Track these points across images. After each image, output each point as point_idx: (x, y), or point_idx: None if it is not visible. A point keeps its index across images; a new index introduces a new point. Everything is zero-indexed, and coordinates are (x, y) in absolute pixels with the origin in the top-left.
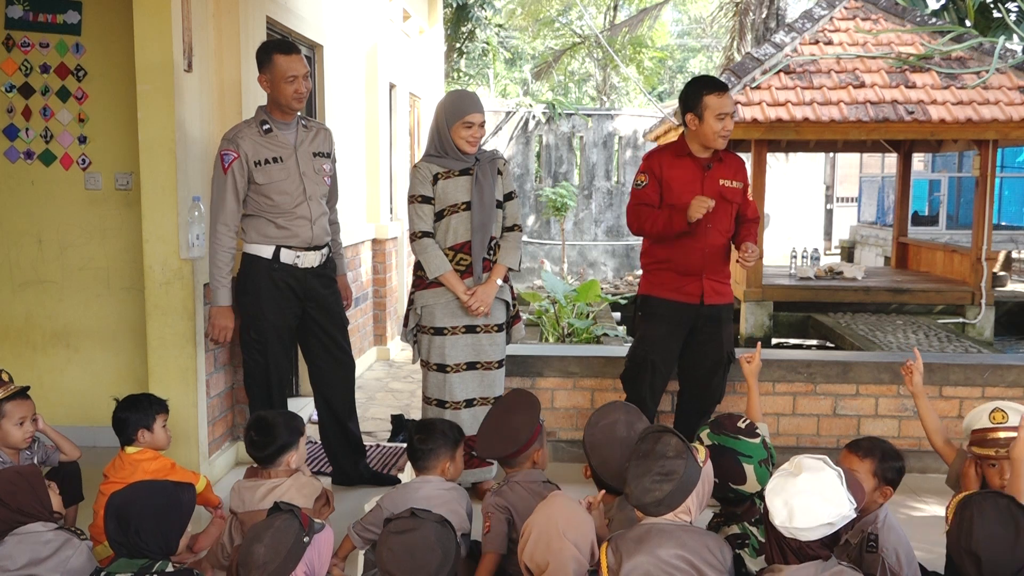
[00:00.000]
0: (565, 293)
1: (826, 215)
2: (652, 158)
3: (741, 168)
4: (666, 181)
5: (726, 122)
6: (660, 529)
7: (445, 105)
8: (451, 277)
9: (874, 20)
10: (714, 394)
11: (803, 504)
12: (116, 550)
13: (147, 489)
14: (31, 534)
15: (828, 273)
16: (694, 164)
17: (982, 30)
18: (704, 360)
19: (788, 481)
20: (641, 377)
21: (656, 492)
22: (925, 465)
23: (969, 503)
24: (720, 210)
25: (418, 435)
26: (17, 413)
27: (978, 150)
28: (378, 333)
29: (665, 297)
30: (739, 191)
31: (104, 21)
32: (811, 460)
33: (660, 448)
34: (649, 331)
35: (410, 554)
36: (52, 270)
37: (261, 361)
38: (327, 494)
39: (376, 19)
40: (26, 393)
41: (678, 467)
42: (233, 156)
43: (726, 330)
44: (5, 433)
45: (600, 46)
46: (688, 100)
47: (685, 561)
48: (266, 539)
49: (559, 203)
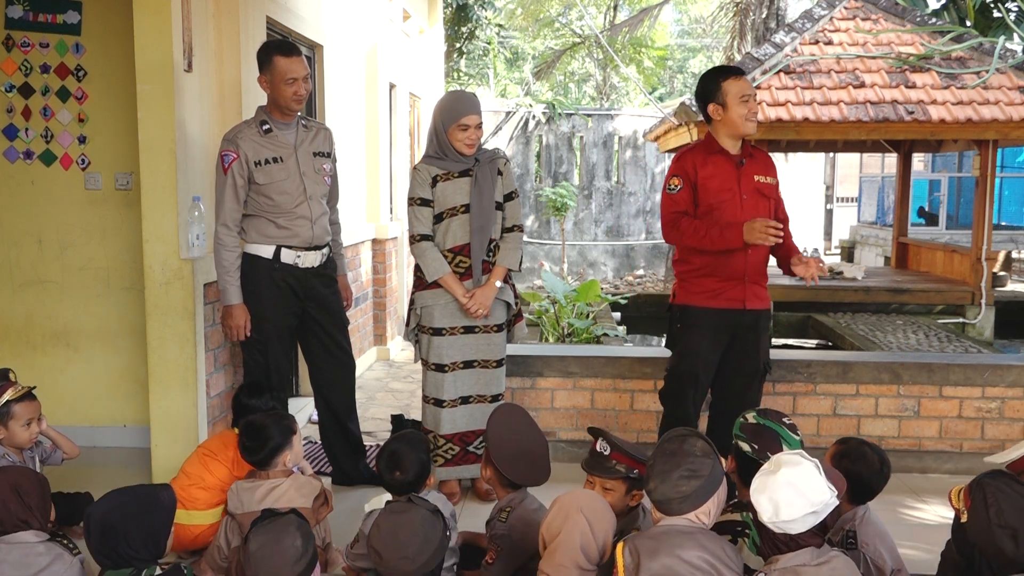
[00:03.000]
0: (565, 293)
1: (826, 215)
2: (684, 159)
3: (771, 163)
4: (701, 182)
5: (750, 104)
6: (680, 530)
7: (441, 107)
8: (450, 279)
9: (874, 20)
10: (748, 406)
11: (786, 497)
12: (101, 563)
13: (126, 496)
14: (22, 544)
15: (828, 273)
16: (727, 161)
17: (982, 30)
18: (741, 371)
19: (769, 479)
20: (685, 393)
21: (684, 487)
22: (925, 465)
23: (981, 487)
24: (760, 207)
25: (398, 471)
26: (25, 414)
27: (978, 150)
28: (378, 333)
29: (706, 306)
30: (774, 187)
31: (104, 21)
32: (788, 455)
33: (687, 447)
34: (691, 344)
35: (394, 534)
36: (52, 270)
37: (261, 361)
38: (326, 493)
39: (376, 19)
40: (33, 394)
41: (706, 466)
42: (233, 156)
43: (764, 339)
44: (12, 434)
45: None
46: (707, 92)
47: (707, 563)
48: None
49: (559, 203)
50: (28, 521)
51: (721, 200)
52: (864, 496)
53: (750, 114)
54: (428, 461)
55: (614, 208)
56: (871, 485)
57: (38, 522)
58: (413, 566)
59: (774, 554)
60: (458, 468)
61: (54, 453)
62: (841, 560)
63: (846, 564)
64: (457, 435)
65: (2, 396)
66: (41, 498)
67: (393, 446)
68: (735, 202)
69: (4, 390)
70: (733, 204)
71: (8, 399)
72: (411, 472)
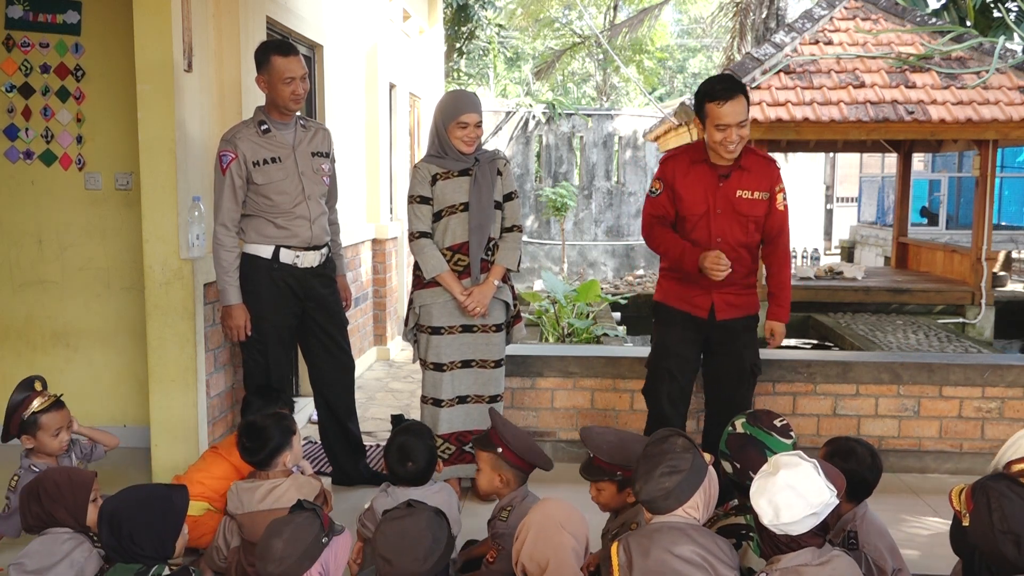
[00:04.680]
0: (565, 293)
1: (826, 215)
2: (667, 163)
3: (769, 176)
4: (678, 191)
5: (728, 134)
6: (672, 526)
7: (441, 106)
8: (448, 277)
9: (874, 20)
10: (738, 408)
11: (786, 500)
12: (111, 556)
13: (139, 493)
14: (50, 534)
15: (828, 273)
16: (709, 172)
17: (982, 30)
18: (725, 373)
19: (768, 481)
20: (658, 388)
21: (666, 483)
22: (925, 465)
23: (984, 490)
24: (733, 223)
25: (410, 462)
26: (53, 424)
27: (978, 150)
28: (378, 333)
29: (676, 307)
30: (762, 203)
31: (104, 21)
32: (787, 457)
33: (667, 446)
34: (662, 339)
35: (401, 538)
36: (52, 270)
37: (261, 361)
38: (326, 493)
39: (376, 19)
40: (61, 403)
41: (685, 460)
42: (231, 157)
43: (746, 342)
44: (42, 444)
45: (600, 46)
46: (695, 103)
47: (700, 556)
48: (286, 534)
49: (559, 203)
50: (61, 520)
51: (692, 213)
52: (860, 492)
53: (725, 141)
54: (435, 448)
55: (614, 208)
56: (865, 480)
57: (72, 522)
58: (424, 567)
59: (775, 554)
60: (455, 468)
61: (95, 449)
62: (843, 560)
63: (847, 564)
64: (454, 434)
65: (29, 407)
66: (74, 498)
67: (400, 439)
68: (705, 218)
69: (31, 400)
70: (703, 220)
71: (34, 410)
72: (422, 460)
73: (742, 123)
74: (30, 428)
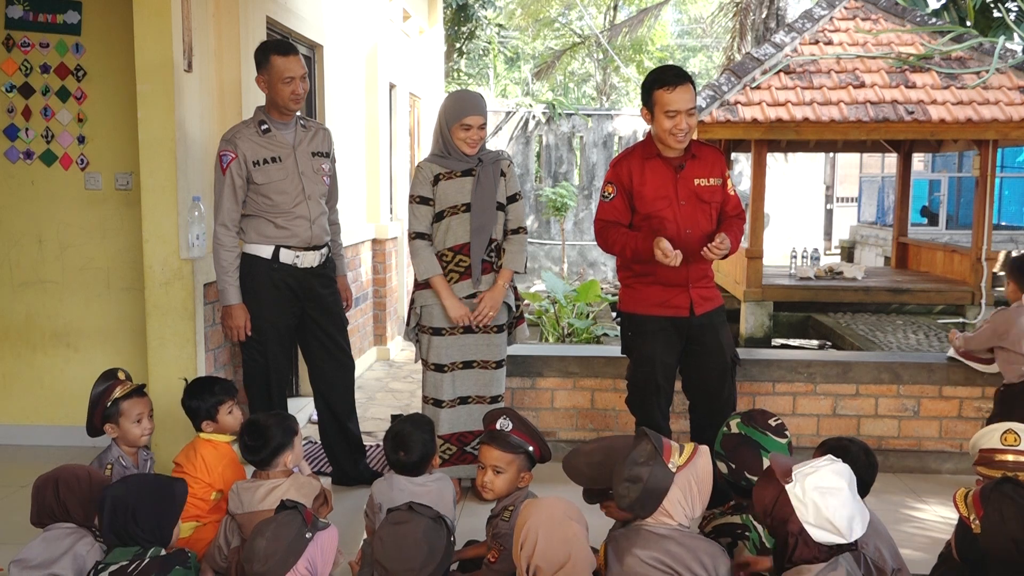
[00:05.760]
0: (565, 293)
1: (826, 215)
2: (620, 164)
3: (717, 162)
4: (636, 189)
5: (677, 120)
6: (649, 531)
7: (446, 106)
8: (438, 281)
9: (874, 20)
10: (727, 403)
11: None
12: (109, 541)
13: (141, 480)
14: (54, 532)
15: (828, 273)
16: (665, 166)
17: (982, 30)
18: (709, 371)
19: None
20: (649, 401)
21: (627, 497)
22: (925, 465)
23: (993, 495)
24: (697, 212)
25: (402, 452)
26: (135, 411)
27: (978, 150)
28: (378, 333)
29: (652, 314)
30: (717, 189)
31: (104, 21)
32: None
33: (634, 454)
34: (645, 352)
35: (398, 546)
36: (52, 270)
37: (261, 361)
38: (325, 493)
39: (376, 19)
40: (143, 391)
41: (642, 473)
42: (231, 157)
43: (724, 335)
44: (124, 431)
45: (600, 46)
46: (643, 93)
47: (665, 565)
48: (268, 533)
49: (559, 203)
50: (71, 511)
51: (657, 208)
52: (857, 492)
53: (675, 129)
54: (432, 442)
55: None
56: (862, 479)
57: (80, 515)
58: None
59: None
60: (455, 468)
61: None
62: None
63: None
64: (455, 435)
65: (112, 394)
66: (90, 492)
67: (399, 427)
68: (672, 209)
69: (113, 388)
70: (670, 211)
71: (117, 397)
72: (415, 453)
73: (691, 111)
74: (112, 416)
